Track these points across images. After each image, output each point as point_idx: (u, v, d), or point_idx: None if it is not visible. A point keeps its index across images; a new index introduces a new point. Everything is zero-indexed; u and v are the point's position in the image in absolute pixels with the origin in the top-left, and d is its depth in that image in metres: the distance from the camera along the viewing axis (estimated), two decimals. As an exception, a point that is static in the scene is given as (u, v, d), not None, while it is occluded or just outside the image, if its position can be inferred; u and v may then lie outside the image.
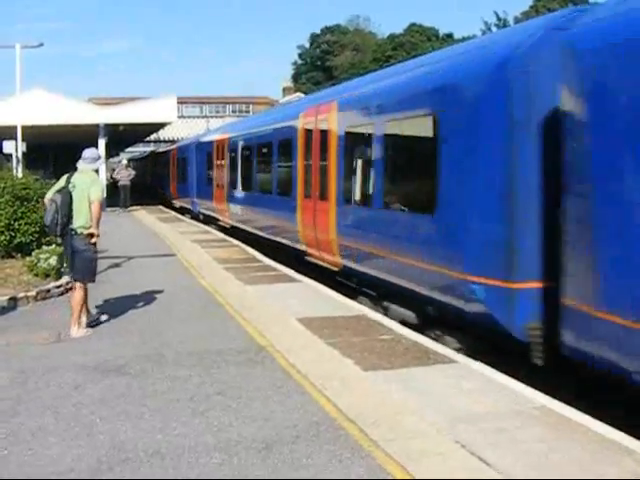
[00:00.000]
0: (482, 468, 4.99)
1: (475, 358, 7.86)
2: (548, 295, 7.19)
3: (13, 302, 10.79)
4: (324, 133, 13.19)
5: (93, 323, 9.55)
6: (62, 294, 11.78)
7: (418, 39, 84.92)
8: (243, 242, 20.04)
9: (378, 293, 11.18)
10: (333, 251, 12.62)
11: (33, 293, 11.26)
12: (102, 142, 33.04)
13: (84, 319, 9.35)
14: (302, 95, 48.20)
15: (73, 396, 6.73)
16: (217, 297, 11.57)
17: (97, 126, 32.26)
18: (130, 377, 7.31)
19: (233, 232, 22.54)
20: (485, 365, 7.54)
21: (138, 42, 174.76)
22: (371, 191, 10.95)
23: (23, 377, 7.32)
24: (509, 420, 5.93)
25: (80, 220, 9.18)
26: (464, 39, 71.59)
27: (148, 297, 11.57)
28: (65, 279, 12.33)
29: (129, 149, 65.56)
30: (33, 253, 13.11)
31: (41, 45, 28.86)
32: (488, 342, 8.27)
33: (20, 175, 18.41)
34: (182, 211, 34.23)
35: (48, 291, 11.60)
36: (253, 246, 19.00)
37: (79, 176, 9.40)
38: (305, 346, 8.44)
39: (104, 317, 9.82)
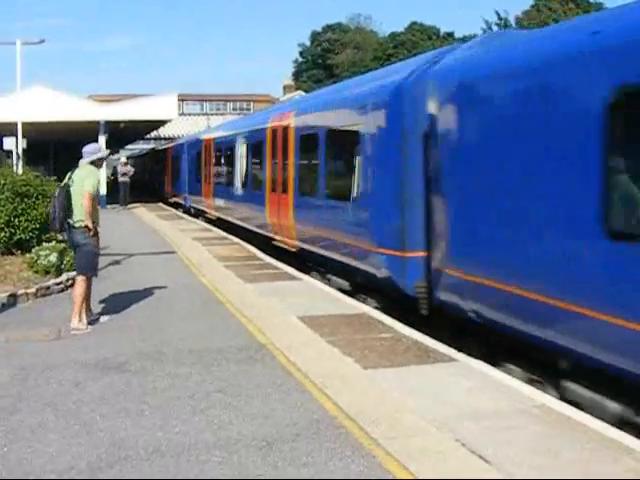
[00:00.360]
0: (483, 466, 4.99)
1: (388, 314, 10.16)
2: (429, 261, 9.45)
3: (13, 299, 10.77)
4: (285, 137, 15.78)
5: (93, 322, 9.55)
6: (62, 291, 11.78)
7: (419, 38, 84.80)
8: (231, 234, 21.83)
9: (325, 268, 13.64)
10: (292, 236, 15.20)
11: (33, 290, 11.25)
12: (102, 139, 32.99)
13: (84, 315, 9.36)
14: (303, 93, 48.18)
15: (73, 393, 6.73)
16: (217, 295, 11.56)
17: (97, 123, 32.25)
18: (130, 374, 7.31)
19: (219, 223, 24.96)
20: (485, 364, 7.55)
21: (141, 39, 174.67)
22: (316, 185, 13.61)
23: (23, 374, 7.32)
24: (509, 419, 5.93)
25: (78, 214, 9.24)
26: (464, 38, 71.46)
27: (148, 294, 11.57)
28: (65, 276, 12.33)
29: (129, 146, 65.48)
30: (33, 250, 13.12)
31: (42, 42, 28.82)
32: (398, 301, 10.43)
33: (20, 172, 18.39)
34: (176, 206, 35.83)
35: (48, 288, 11.59)
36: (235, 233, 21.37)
37: (78, 171, 9.48)
38: (305, 344, 8.44)
39: (104, 318, 9.81)
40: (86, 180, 9.27)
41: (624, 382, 6.26)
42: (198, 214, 29.72)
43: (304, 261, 14.90)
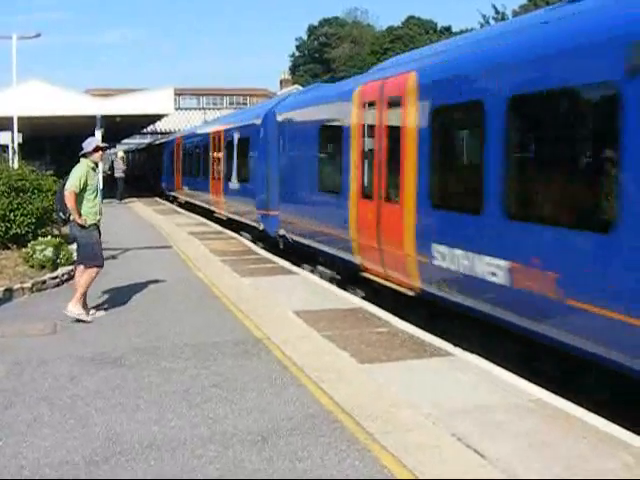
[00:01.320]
0: (478, 461, 4.99)
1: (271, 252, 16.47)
2: (280, 216, 15.80)
3: (9, 293, 10.75)
4: (219, 141, 23.95)
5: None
6: (58, 285, 11.77)
7: (416, 32, 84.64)
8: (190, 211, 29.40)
9: (239, 227, 20.97)
10: (223, 209, 23.52)
11: (29, 284, 11.22)
12: (98, 133, 32.85)
13: (79, 303, 9.43)
14: (300, 87, 48.21)
15: (69, 388, 6.72)
16: (213, 289, 11.55)
17: (94, 117, 32.15)
18: (126, 369, 7.30)
19: (186, 205, 32.36)
20: (481, 358, 7.55)
21: (139, 34, 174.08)
22: (232, 173, 21.57)
23: (19, 369, 7.30)
24: (505, 413, 5.93)
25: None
26: (462, 32, 71.20)
27: (144, 289, 11.56)
28: (61, 270, 12.30)
29: (126, 141, 65.29)
30: (29, 244, 13.07)
31: (38, 36, 28.64)
32: (273, 244, 16.94)
33: (16, 166, 18.33)
34: (160, 195, 41.05)
35: (44, 282, 11.57)
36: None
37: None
38: (301, 338, 8.44)
39: (100, 313, 9.82)
40: (70, 177, 9.47)
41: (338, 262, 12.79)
42: (173, 200, 36.70)
43: (231, 226, 21.94)
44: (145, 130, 56.86)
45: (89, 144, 9.81)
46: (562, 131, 7.02)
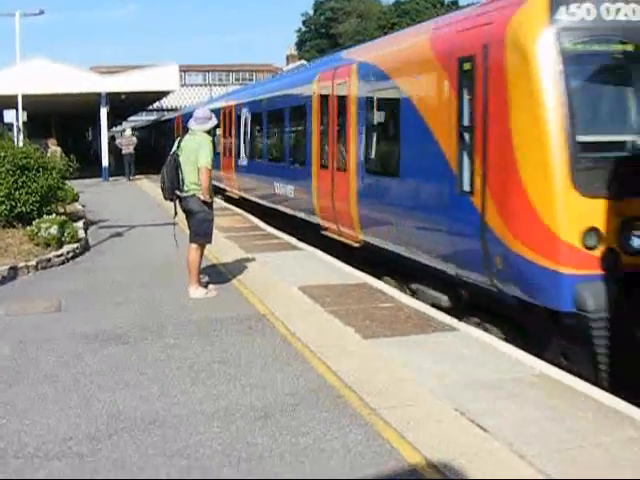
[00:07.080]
0: (481, 435, 4.97)
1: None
2: None
3: (13, 272, 10.73)
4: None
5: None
6: (63, 263, 11.78)
7: (423, 6, 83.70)
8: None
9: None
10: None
11: (33, 263, 11.20)
12: (104, 111, 32.87)
13: (198, 283, 9.44)
14: (305, 62, 47.96)
15: (72, 365, 6.71)
16: (218, 265, 11.51)
17: (99, 95, 32.06)
18: (129, 346, 7.30)
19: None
20: (485, 333, 7.52)
21: (141, 10, 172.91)
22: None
23: (22, 347, 7.30)
24: (509, 387, 5.90)
25: (189, 183, 9.10)
26: (468, 5, 70.42)
27: (149, 267, 11.58)
28: (66, 248, 12.30)
29: (132, 118, 65.09)
30: (34, 222, 13.05)
31: (42, 13, 28.51)
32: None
33: (20, 144, 18.27)
34: None
35: (49, 260, 11.56)
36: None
37: (188, 138, 9.22)
38: (306, 314, 8.42)
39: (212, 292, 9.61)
40: (201, 152, 8.95)
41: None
42: None
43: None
44: (151, 107, 56.71)
45: (210, 117, 9.33)
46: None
